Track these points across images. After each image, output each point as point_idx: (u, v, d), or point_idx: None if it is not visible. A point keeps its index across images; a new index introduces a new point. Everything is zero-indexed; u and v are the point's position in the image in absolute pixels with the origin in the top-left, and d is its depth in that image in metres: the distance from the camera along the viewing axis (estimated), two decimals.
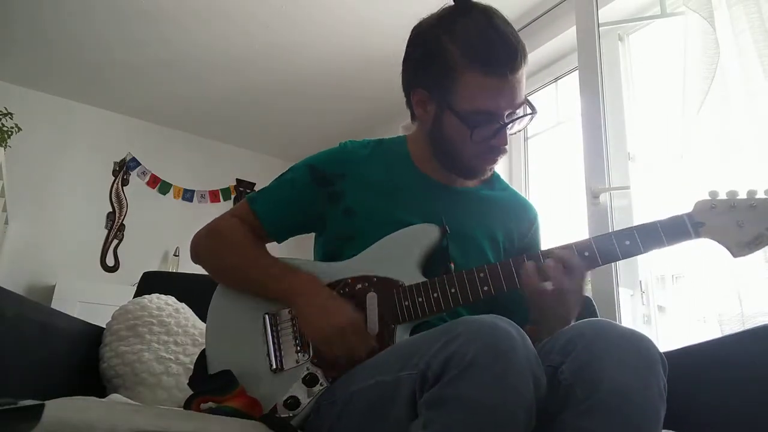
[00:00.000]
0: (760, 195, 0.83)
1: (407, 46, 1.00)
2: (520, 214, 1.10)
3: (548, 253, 0.89)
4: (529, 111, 0.95)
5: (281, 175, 1.07)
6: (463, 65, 0.90)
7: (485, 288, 0.89)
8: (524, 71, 0.93)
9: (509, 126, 0.93)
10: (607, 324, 0.75)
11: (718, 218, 0.83)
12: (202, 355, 1.01)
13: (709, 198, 0.85)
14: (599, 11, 1.98)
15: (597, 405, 0.66)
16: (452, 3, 0.95)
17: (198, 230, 1.07)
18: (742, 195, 0.84)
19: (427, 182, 1.03)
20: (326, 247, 1.05)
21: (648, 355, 0.71)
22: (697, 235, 0.85)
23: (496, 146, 0.94)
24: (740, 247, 0.82)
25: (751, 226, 0.82)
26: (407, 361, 0.72)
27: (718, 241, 0.84)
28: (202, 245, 1.06)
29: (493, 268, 0.90)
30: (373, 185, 1.01)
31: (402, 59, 1.02)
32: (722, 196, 0.85)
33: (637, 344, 0.71)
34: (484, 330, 0.66)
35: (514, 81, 0.91)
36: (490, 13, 0.93)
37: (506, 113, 0.92)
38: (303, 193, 1.02)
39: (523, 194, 1.19)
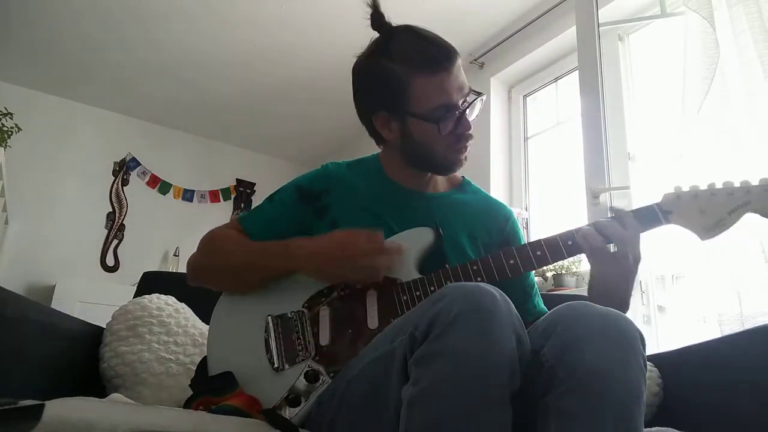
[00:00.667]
0: (719, 186, 0.93)
1: (353, 84, 1.12)
2: (494, 213, 1.16)
3: (534, 244, 0.96)
4: (477, 95, 1.02)
5: (270, 196, 1.13)
6: (410, 74, 0.98)
7: (479, 279, 0.95)
8: (460, 65, 1.01)
9: (467, 112, 1.01)
10: (585, 305, 0.77)
11: (684, 206, 0.93)
12: (204, 360, 1.02)
13: (674, 191, 0.95)
14: (599, 11, 1.98)
15: (578, 385, 0.67)
16: (378, 35, 1.07)
17: (191, 254, 1.09)
18: (703, 186, 0.94)
19: (401, 191, 1.10)
20: None
21: (626, 333, 0.72)
22: (667, 221, 0.94)
23: (462, 133, 1.01)
24: (705, 230, 0.92)
25: (713, 211, 0.91)
26: (398, 331, 0.76)
27: (686, 227, 0.93)
28: (197, 261, 1.08)
29: (485, 260, 0.96)
30: (355, 198, 1.09)
31: (352, 97, 1.12)
32: (686, 188, 0.95)
33: (615, 322, 0.73)
34: (468, 289, 0.71)
35: (456, 72, 1.00)
36: (411, 27, 1.03)
37: (460, 102, 1.00)
38: (291, 212, 1.08)
39: (523, 194, 1.23)
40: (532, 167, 2.86)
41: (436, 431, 0.63)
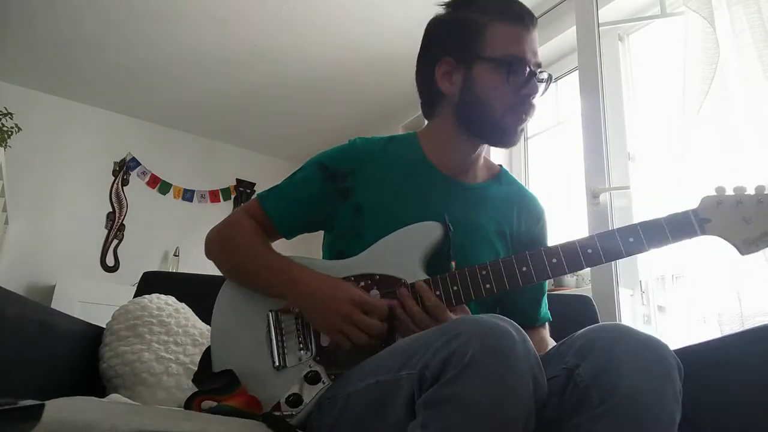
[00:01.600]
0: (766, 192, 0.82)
1: (424, 37, 1.04)
2: (527, 209, 1.10)
3: (550, 250, 0.89)
4: (549, 76, 0.99)
5: (292, 174, 1.08)
6: (489, 20, 0.95)
7: (487, 286, 0.89)
8: (537, 35, 0.98)
9: (537, 77, 0.96)
10: (626, 328, 0.74)
11: (725, 214, 0.81)
12: (207, 352, 1.01)
13: (715, 194, 0.84)
14: (599, 11, 1.98)
15: (613, 410, 0.66)
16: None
17: (213, 226, 1.09)
18: (750, 191, 0.82)
19: (438, 177, 1.04)
20: (334, 244, 1.06)
21: (665, 362, 0.71)
22: (703, 231, 0.83)
23: (526, 97, 0.96)
24: (747, 244, 0.81)
25: (759, 222, 0.80)
26: (407, 361, 0.72)
27: (725, 238, 0.82)
28: (214, 243, 1.07)
29: (495, 265, 0.90)
30: (383, 182, 1.02)
31: (417, 54, 1.05)
32: (729, 191, 0.83)
33: (655, 350, 0.71)
34: (484, 330, 0.66)
35: (534, 35, 0.97)
36: None
37: (533, 65, 0.96)
38: (313, 191, 1.03)
39: None
40: (532, 167, 2.86)
41: None
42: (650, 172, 2.13)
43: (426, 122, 1.11)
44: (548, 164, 2.79)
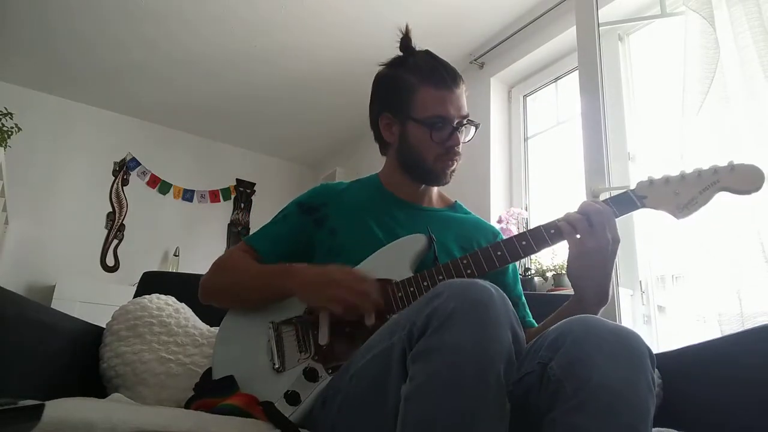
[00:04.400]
0: (689, 171, 0.99)
1: (372, 90, 1.22)
2: (483, 231, 1.24)
3: (520, 235, 1.00)
4: (472, 123, 1.14)
5: (273, 217, 1.21)
6: (418, 84, 1.12)
7: (468, 271, 0.99)
8: (464, 91, 1.14)
9: (459, 130, 1.12)
10: (595, 320, 0.77)
11: (657, 190, 1.00)
12: (208, 372, 1.07)
13: (647, 178, 1.02)
14: (599, 11, 1.98)
15: (587, 400, 0.67)
16: (400, 53, 1.19)
17: (202, 277, 1.16)
18: (675, 173, 1.00)
19: (398, 202, 1.19)
20: None
21: (636, 350, 0.72)
22: (643, 205, 1.00)
23: (451, 147, 1.12)
24: (680, 209, 0.97)
25: (685, 192, 0.98)
26: (396, 328, 0.77)
27: (661, 209, 0.99)
28: (209, 279, 1.14)
29: (474, 254, 1.01)
30: (352, 208, 1.17)
31: (369, 106, 1.23)
32: (657, 176, 1.01)
33: (625, 339, 0.73)
34: (464, 286, 0.73)
35: (458, 94, 1.12)
36: (429, 51, 1.17)
37: (456, 120, 1.11)
38: (294, 224, 1.17)
39: (523, 194, 1.28)
40: (532, 167, 2.86)
41: (432, 425, 0.63)
42: (650, 172, 2.13)
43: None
44: (548, 164, 2.79)
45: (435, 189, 1.24)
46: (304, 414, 0.90)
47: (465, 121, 1.12)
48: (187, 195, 4.14)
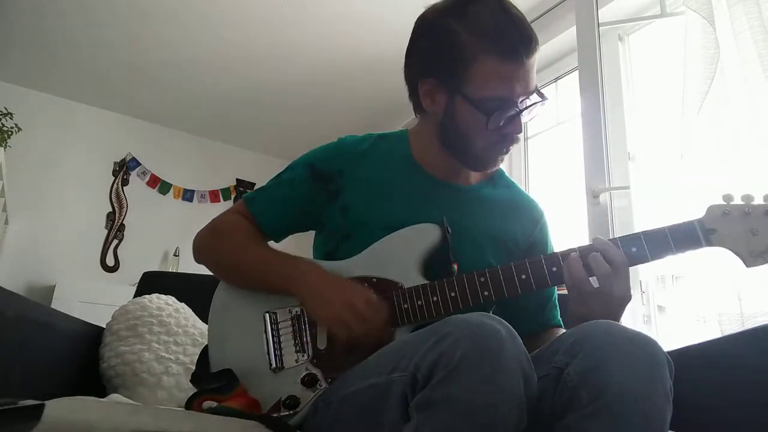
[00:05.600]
0: None
1: (412, 37, 0.97)
2: (524, 212, 1.07)
3: (551, 258, 0.87)
4: (539, 99, 0.92)
5: (279, 174, 1.06)
6: (477, 51, 0.87)
7: (485, 293, 0.88)
8: (536, 59, 0.90)
9: (523, 114, 0.91)
10: (615, 326, 0.73)
11: (731, 225, 0.79)
12: (205, 352, 1.00)
13: (723, 203, 0.81)
14: (599, 11, 1.98)
15: (603, 409, 0.65)
16: None
17: (200, 229, 1.06)
18: (758, 200, 0.80)
19: (427, 180, 1.01)
20: (325, 245, 1.05)
21: (655, 359, 0.70)
22: (708, 243, 0.81)
23: (509, 134, 0.92)
24: (754, 256, 0.79)
25: (766, 234, 0.78)
26: (398, 363, 0.72)
27: (730, 249, 0.81)
28: (204, 244, 1.05)
29: (494, 272, 0.88)
30: (371, 182, 1.00)
31: (405, 52, 0.99)
32: (737, 200, 0.80)
33: (644, 347, 0.70)
34: (472, 329, 0.66)
35: (528, 66, 0.89)
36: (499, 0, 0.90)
37: (520, 100, 0.90)
38: (301, 192, 1.02)
39: None
40: (532, 167, 2.86)
41: None
42: (650, 172, 2.13)
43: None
44: (548, 164, 2.79)
45: None
46: (300, 419, 0.88)
47: (531, 98, 0.91)
48: (187, 195, 4.14)
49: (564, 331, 1.01)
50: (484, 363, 0.63)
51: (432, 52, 0.93)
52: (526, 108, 0.91)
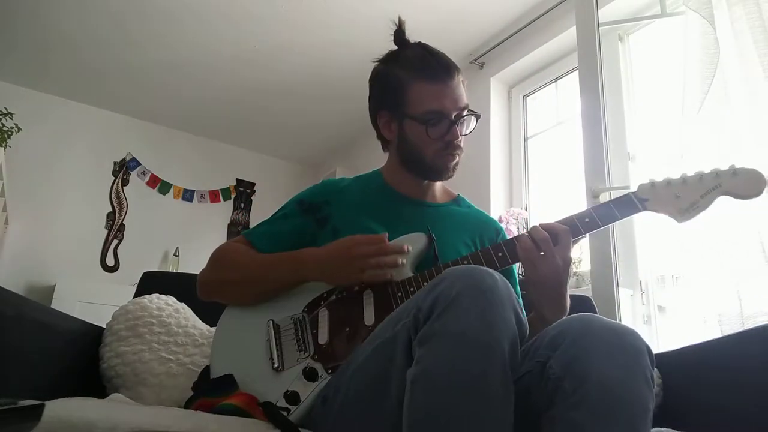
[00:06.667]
0: (691, 174, 0.99)
1: (369, 87, 1.19)
2: (486, 226, 1.23)
3: (520, 236, 0.99)
4: (472, 113, 1.10)
5: (273, 214, 1.19)
6: (410, 80, 1.09)
7: None
8: (461, 81, 1.10)
9: (458, 123, 1.08)
10: (593, 318, 0.78)
11: (659, 193, 1.00)
12: (207, 369, 1.06)
13: (648, 181, 1.02)
14: (599, 11, 1.98)
15: (586, 397, 0.68)
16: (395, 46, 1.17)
17: (202, 269, 1.14)
18: (676, 176, 1.00)
19: (401, 199, 1.17)
20: None
21: (634, 347, 0.73)
22: (644, 208, 1.00)
23: (450, 141, 1.08)
24: (681, 212, 0.97)
25: (687, 195, 0.98)
26: (401, 316, 0.77)
27: (662, 212, 0.99)
28: (207, 275, 1.12)
29: (474, 255, 1.01)
30: (354, 206, 1.14)
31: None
32: (659, 179, 1.01)
33: (623, 337, 0.74)
34: (467, 271, 0.74)
35: (453, 86, 1.08)
36: (422, 43, 1.15)
37: (453, 114, 1.07)
38: (295, 224, 1.14)
39: (523, 194, 1.27)
40: (532, 167, 2.86)
41: (438, 408, 0.64)
42: (650, 172, 2.13)
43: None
44: (548, 164, 2.79)
45: (438, 183, 1.22)
46: (304, 413, 0.90)
47: (465, 113, 1.09)
48: (187, 195, 4.14)
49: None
50: (478, 297, 0.70)
51: (380, 90, 1.16)
52: (460, 119, 1.08)
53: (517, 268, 1.25)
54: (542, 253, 0.95)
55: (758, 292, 1.45)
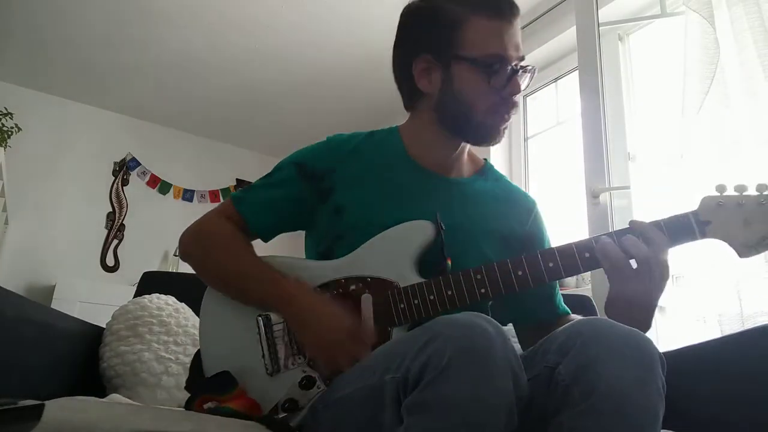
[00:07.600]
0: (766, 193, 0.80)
1: (399, 26, 1.00)
2: (517, 203, 1.07)
3: (547, 253, 0.86)
4: (531, 67, 0.94)
5: (268, 173, 1.05)
6: (467, 14, 0.90)
7: (482, 290, 0.87)
8: (519, 24, 0.94)
9: (520, 74, 0.92)
10: (606, 323, 0.73)
11: (725, 216, 0.79)
12: (197, 357, 0.99)
13: (716, 194, 0.81)
14: (599, 11, 1.98)
15: (595, 406, 0.65)
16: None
17: (186, 228, 1.04)
18: (751, 190, 0.80)
19: (422, 174, 1.00)
20: (317, 245, 1.03)
21: (647, 355, 0.69)
22: (703, 235, 0.81)
23: (509, 97, 0.92)
24: (747, 247, 0.78)
25: (759, 225, 0.78)
26: (390, 364, 0.72)
27: (725, 240, 0.81)
28: (191, 247, 1.03)
29: (490, 268, 0.87)
30: (363, 180, 0.99)
31: (393, 44, 1.02)
32: (730, 191, 0.80)
33: (636, 344, 0.70)
34: (460, 330, 0.66)
35: (515, 27, 0.92)
36: None
37: (515, 62, 0.91)
38: (292, 192, 1.00)
39: None
40: (532, 167, 2.86)
41: None
42: (650, 172, 2.13)
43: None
44: (548, 164, 2.79)
45: (466, 151, 1.04)
46: (299, 422, 0.88)
47: (523, 66, 0.92)
48: (187, 195, 4.14)
49: (578, 317, 1.00)
50: (472, 364, 0.63)
51: (422, 29, 0.96)
52: (523, 69, 0.92)
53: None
54: (632, 262, 0.81)
55: (758, 292, 1.45)
